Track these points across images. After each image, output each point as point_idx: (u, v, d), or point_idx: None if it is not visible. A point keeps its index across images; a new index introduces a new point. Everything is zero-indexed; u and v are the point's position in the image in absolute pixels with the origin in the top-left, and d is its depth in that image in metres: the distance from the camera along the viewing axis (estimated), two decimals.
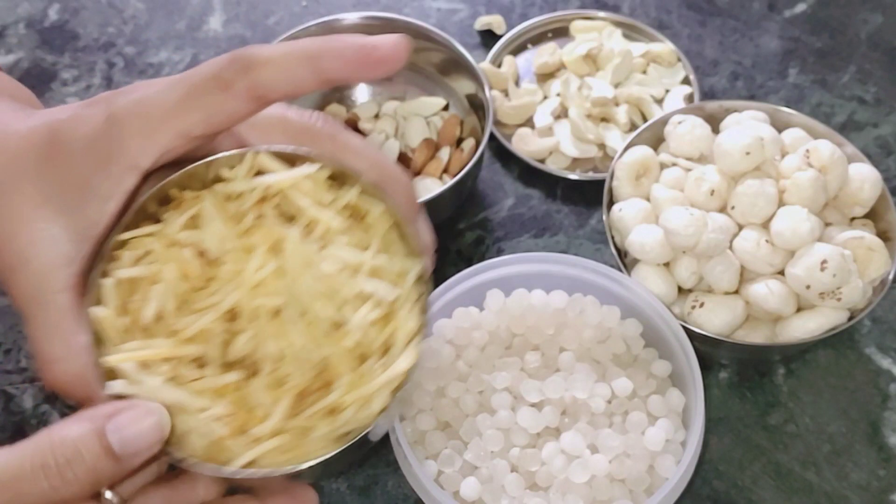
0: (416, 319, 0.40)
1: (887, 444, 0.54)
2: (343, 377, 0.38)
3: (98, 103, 0.40)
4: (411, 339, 0.40)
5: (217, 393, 0.38)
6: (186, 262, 0.39)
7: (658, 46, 0.69)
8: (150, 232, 0.40)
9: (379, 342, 0.39)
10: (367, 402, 0.38)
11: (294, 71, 0.38)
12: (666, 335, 0.51)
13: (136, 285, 0.39)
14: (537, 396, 0.48)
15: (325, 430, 0.38)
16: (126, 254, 0.40)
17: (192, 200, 0.40)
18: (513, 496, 0.46)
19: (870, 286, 0.53)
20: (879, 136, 0.66)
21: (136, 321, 0.39)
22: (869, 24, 0.73)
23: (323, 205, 0.40)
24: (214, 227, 0.39)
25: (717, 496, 0.52)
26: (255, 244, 0.39)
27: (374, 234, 0.41)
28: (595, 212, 0.63)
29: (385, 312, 0.39)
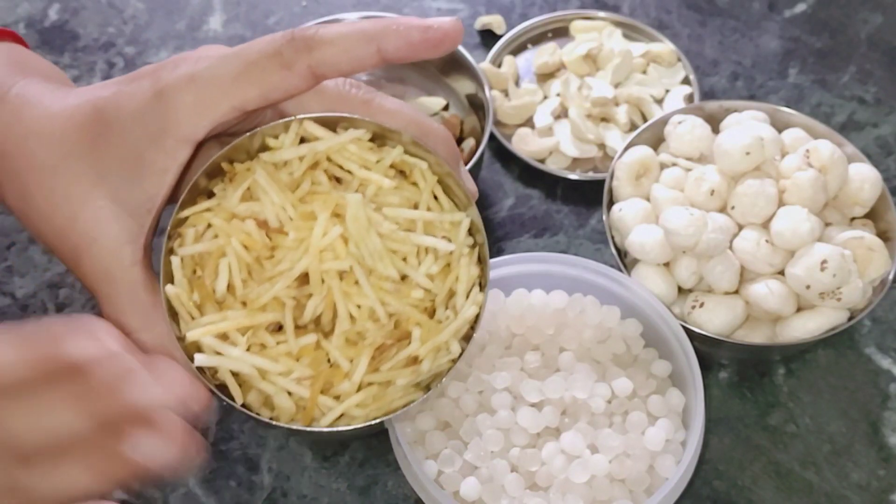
0: (474, 267, 0.43)
1: (887, 444, 0.54)
2: (416, 329, 0.40)
3: (142, 78, 0.40)
4: (472, 286, 0.42)
5: (297, 355, 0.40)
6: (249, 235, 0.40)
7: (658, 46, 0.69)
8: (208, 207, 0.41)
9: (444, 292, 0.41)
10: (442, 348, 0.41)
11: (356, 50, 0.40)
12: (666, 335, 0.51)
13: (203, 260, 0.40)
14: (537, 396, 0.48)
15: (406, 380, 0.40)
16: (189, 231, 0.41)
17: (245, 173, 0.41)
18: (513, 496, 0.46)
19: (870, 286, 0.53)
20: (879, 136, 0.66)
21: (208, 295, 0.40)
22: (869, 24, 0.73)
23: (369, 166, 0.41)
24: (271, 197, 0.40)
25: (717, 496, 0.52)
26: (316, 211, 0.40)
27: (423, 190, 0.42)
28: (595, 212, 0.63)
29: (445, 263, 0.41)
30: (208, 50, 0.41)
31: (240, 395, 0.40)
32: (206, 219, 0.41)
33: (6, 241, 0.62)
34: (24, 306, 0.59)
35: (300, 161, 0.41)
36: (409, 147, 0.42)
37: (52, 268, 0.61)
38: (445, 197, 0.43)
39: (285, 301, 0.40)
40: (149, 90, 0.40)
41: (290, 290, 0.40)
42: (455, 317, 0.41)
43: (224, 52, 0.40)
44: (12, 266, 0.61)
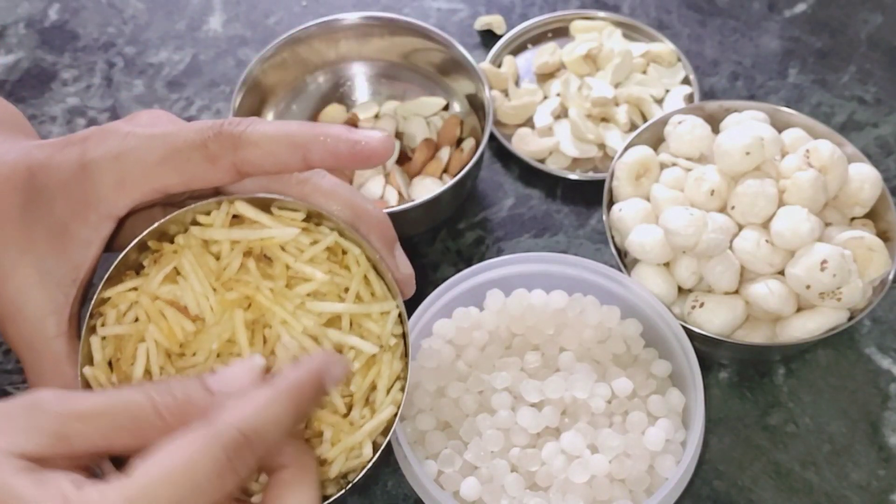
0: (398, 362, 0.42)
1: (887, 444, 0.54)
2: (328, 430, 0.40)
3: (72, 147, 0.41)
4: (394, 382, 0.41)
5: None
6: (168, 323, 0.40)
7: (658, 46, 0.69)
8: (132, 286, 0.41)
9: (364, 387, 0.40)
10: (355, 448, 0.40)
11: (281, 155, 0.40)
12: (666, 335, 0.51)
13: (123, 342, 0.40)
14: (537, 396, 0.48)
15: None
16: (110, 311, 0.41)
17: (170, 255, 0.41)
18: (513, 496, 0.46)
19: (870, 286, 0.53)
20: (879, 136, 0.66)
21: (126, 378, 0.40)
22: (869, 24, 0.73)
23: (302, 250, 0.41)
24: (193, 284, 0.40)
25: (717, 496, 0.52)
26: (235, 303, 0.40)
27: (355, 276, 0.41)
28: (595, 212, 0.63)
29: (369, 356, 0.40)
30: (143, 122, 0.41)
31: None
32: (129, 298, 0.41)
33: None
34: None
35: (231, 246, 0.41)
36: (344, 230, 0.42)
37: None
38: (378, 281, 0.42)
39: None
40: (76, 161, 0.40)
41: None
42: (371, 417, 0.40)
43: (153, 132, 0.40)
44: None
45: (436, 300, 0.51)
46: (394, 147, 0.41)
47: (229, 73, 0.71)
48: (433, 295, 0.51)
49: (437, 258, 0.61)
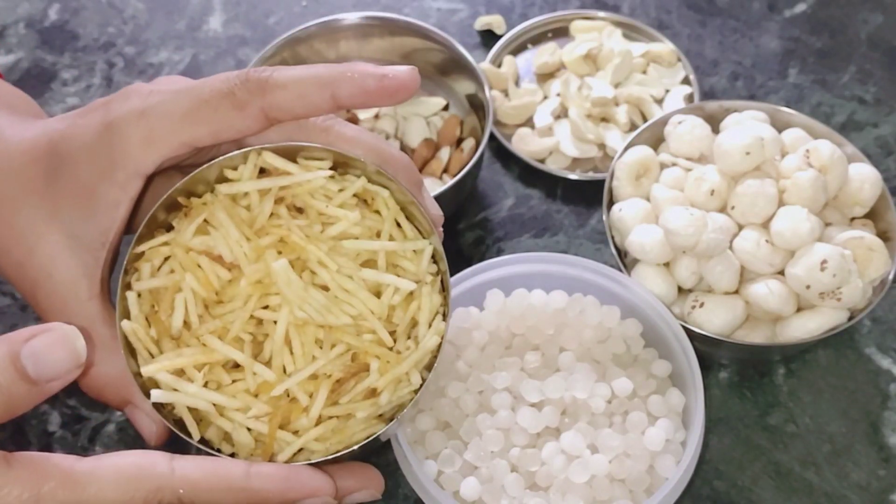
0: (437, 296, 0.42)
1: (887, 444, 0.54)
2: (374, 361, 0.40)
3: (94, 112, 0.40)
4: (434, 315, 0.42)
5: (255, 392, 0.39)
6: (204, 272, 0.40)
7: (658, 46, 0.69)
8: (164, 241, 0.41)
9: (406, 322, 0.41)
10: (403, 380, 0.40)
11: (310, 96, 0.39)
12: (666, 335, 0.51)
13: (160, 295, 0.40)
14: (537, 396, 0.48)
15: (366, 413, 0.40)
16: (144, 265, 0.41)
17: (200, 207, 0.41)
18: (513, 496, 0.46)
19: (870, 286, 0.53)
20: (879, 136, 0.66)
21: (165, 330, 0.40)
22: (869, 24, 0.73)
23: (330, 197, 0.41)
24: (226, 232, 0.40)
25: (717, 496, 0.52)
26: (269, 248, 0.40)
27: (385, 219, 0.42)
28: (595, 212, 0.63)
29: (408, 292, 0.41)
30: (162, 83, 0.41)
31: (196, 432, 0.40)
32: (162, 253, 0.41)
33: None
34: (24, 306, 0.59)
35: (261, 196, 0.41)
36: (371, 175, 0.42)
37: None
38: (409, 224, 0.43)
39: (243, 337, 0.40)
40: (99, 123, 0.40)
41: (247, 326, 0.40)
42: (416, 347, 0.41)
43: (177, 87, 0.40)
44: None
45: None
46: (419, 80, 0.41)
47: None
48: None
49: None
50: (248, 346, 0.40)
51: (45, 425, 0.54)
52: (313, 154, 0.41)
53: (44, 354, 0.34)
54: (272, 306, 0.40)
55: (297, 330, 0.39)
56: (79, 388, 0.56)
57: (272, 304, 0.40)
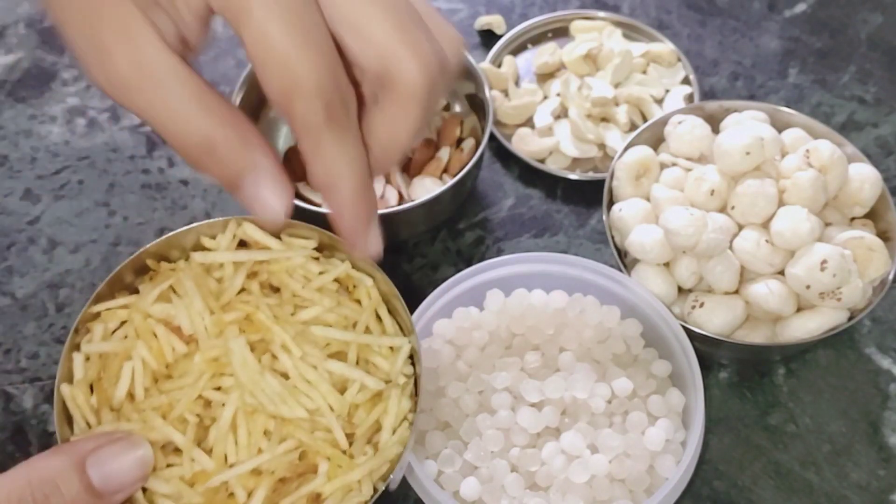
0: (406, 400, 0.39)
1: (887, 444, 0.54)
2: (323, 463, 0.37)
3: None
4: (401, 421, 0.38)
5: (191, 481, 0.36)
6: (159, 342, 0.37)
7: (658, 46, 0.69)
8: (123, 304, 0.39)
9: (368, 424, 0.38)
10: (353, 488, 0.37)
11: None
12: (666, 335, 0.51)
13: (108, 360, 0.38)
14: (537, 396, 0.48)
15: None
16: (97, 326, 0.38)
17: (167, 273, 0.39)
18: (513, 496, 0.46)
19: (870, 286, 0.53)
20: (879, 136, 0.66)
21: (106, 399, 0.37)
22: (869, 24, 0.73)
23: (310, 279, 0.39)
24: (190, 302, 0.37)
25: (717, 496, 0.52)
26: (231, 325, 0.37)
27: (364, 309, 0.39)
28: (595, 212, 0.63)
29: (375, 392, 0.38)
30: None
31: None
32: (119, 316, 0.38)
33: (6, 241, 0.62)
34: (24, 306, 0.59)
35: (235, 268, 0.38)
36: (356, 261, 0.40)
37: (51, 268, 0.61)
38: (390, 318, 0.40)
39: (188, 418, 0.37)
40: None
41: (194, 406, 0.37)
42: (374, 454, 0.38)
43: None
44: (12, 266, 0.61)
45: (436, 300, 0.51)
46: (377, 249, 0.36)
47: (229, 73, 0.71)
48: (433, 295, 0.51)
49: (437, 258, 0.61)
50: (192, 428, 0.37)
51: (46, 425, 0.54)
52: (299, 232, 0.39)
53: (110, 466, 0.33)
54: (224, 388, 0.37)
55: (246, 417, 0.36)
56: None
57: (224, 385, 0.37)
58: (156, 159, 0.66)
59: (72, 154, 0.66)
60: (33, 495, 0.32)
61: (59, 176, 0.65)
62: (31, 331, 0.58)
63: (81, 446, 0.34)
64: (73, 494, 0.32)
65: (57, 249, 0.61)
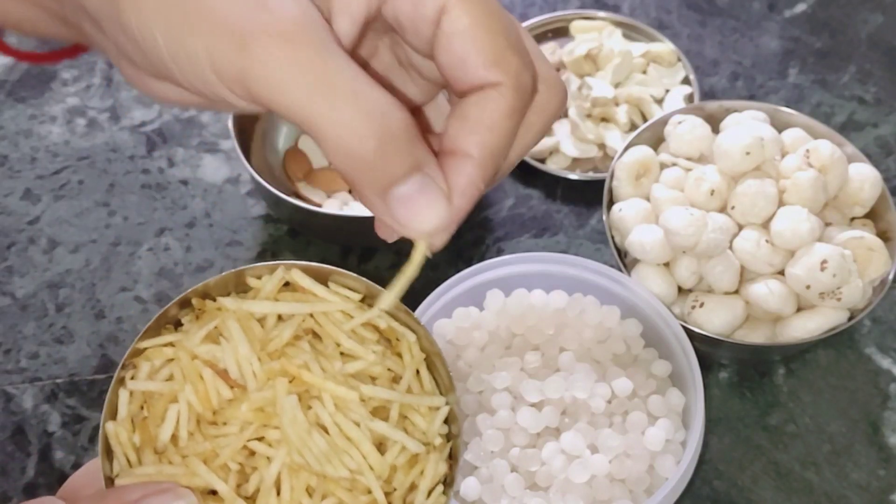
0: (443, 464, 0.38)
1: (887, 444, 0.54)
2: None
3: None
4: (437, 484, 0.38)
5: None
6: (205, 385, 0.37)
7: (658, 46, 0.69)
8: (169, 341, 0.38)
9: (405, 485, 0.37)
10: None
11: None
12: (666, 335, 0.51)
13: (153, 399, 0.38)
14: (537, 396, 0.48)
15: None
16: (144, 364, 0.38)
17: (213, 312, 0.38)
18: (513, 496, 0.46)
19: (870, 286, 0.53)
20: (879, 136, 0.66)
21: (149, 440, 0.37)
22: (869, 24, 0.73)
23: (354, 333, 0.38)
24: (236, 346, 0.37)
25: (717, 496, 0.52)
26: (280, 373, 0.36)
27: (407, 367, 0.39)
28: (595, 212, 0.63)
29: (413, 454, 0.37)
30: None
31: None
32: (165, 354, 0.38)
33: (6, 241, 0.62)
34: (24, 306, 0.59)
35: (278, 321, 0.38)
36: (399, 315, 0.39)
37: (52, 268, 0.61)
38: (429, 376, 0.39)
39: (230, 465, 0.36)
40: None
41: (238, 455, 0.36)
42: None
43: None
44: (12, 266, 0.61)
45: (436, 300, 0.51)
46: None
47: None
48: (433, 295, 0.51)
49: (436, 258, 0.61)
50: (234, 476, 0.36)
51: (46, 425, 0.54)
52: (345, 281, 0.39)
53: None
54: (268, 440, 0.37)
55: (291, 473, 0.36)
56: (79, 388, 0.56)
57: (269, 437, 0.37)
58: (156, 159, 0.66)
59: (72, 154, 0.66)
60: None
61: (59, 176, 0.65)
62: (31, 331, 0.58)
63: (129, 495, 0.33)
64: None
65: (57, 249, 0.61)
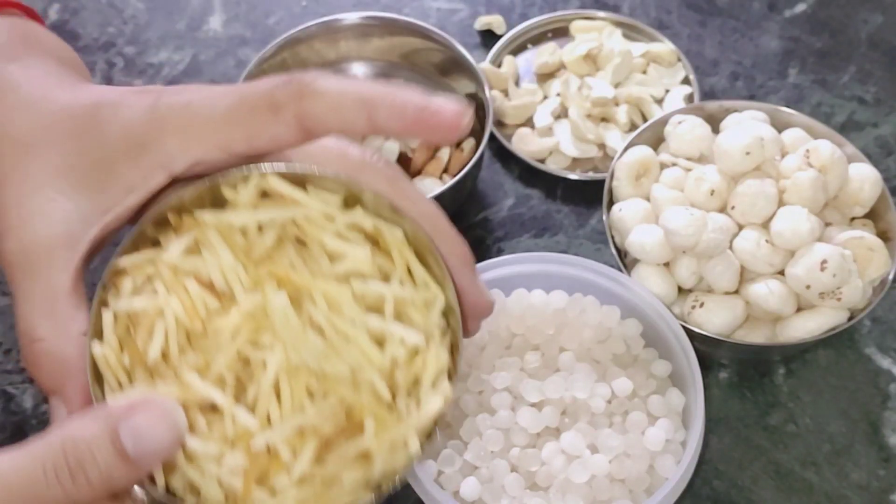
0: (444, 354, 0.37)
1: (887, 444, 0.54)
2: (370, 420, 0.35)
3: (148, 94, 0.39)
4: (440, 375, 0.37)
5: (232, 440, 0.35)
6: (191, 298, 0.36)
7: (658, 46, 0.69)
8: (149, 258, 0.37)
9: (408, 380, 0.37)
10: (399, 445, 0.36)
11: (347, 111, 0.36)
12: (666, 335, 0.51)
13: (137, 318, 0.37)
14: (537, 396, 0.48)
15: (355, 478, 0.36)
16: (125, 281, 0.37)
17: (191, 224, 0.37)
18: (513, 496, 0.46)
19: (870, 286, 0.53)
20: (879, 136, 0.66)
21: (139, 358, 0.36)
22: (869, 24, 0.73)
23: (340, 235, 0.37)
24: (219, 256, 0.36)
25: (717, 496, 0.52)
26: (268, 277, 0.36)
27: (397, 262, 0.38)
28: (595, 212, 0.63)
29: (413, 348, 0.37)
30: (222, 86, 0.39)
31: (162, 479, 0.35)
32: (145, 271, 0.37)
33: None
34: None
35: (259, 230, 0.37)
36: (384, 213, 0.38)
37: None
38: (422, 270, 0.38)
39: (225, 377, 0.35)
40: (147, 105, 0.38)
41: (231, 365, 0.35)
42: (417, 409, 0.36)
43: (228, 87, 0.38)
44: None
45: None
46: (469, 123, 0.36)
47: (229, 73, 0.71)
48: None
49: None
50: (230, 388, 0.35)
51: (46, 425, 0.54)
52: (324, 185, 0.38)
53: (145, 432, 0.33)
54: (262, 346, 0.35)
55: (289, 376, 0.35)
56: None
57: (262, 343, 0.36)
58: None
59: None
60: (68, 463, 0.32)
61: None
62: None
63: (115, 412, 0.33)
64: (107, 463, 0.32)
65: None
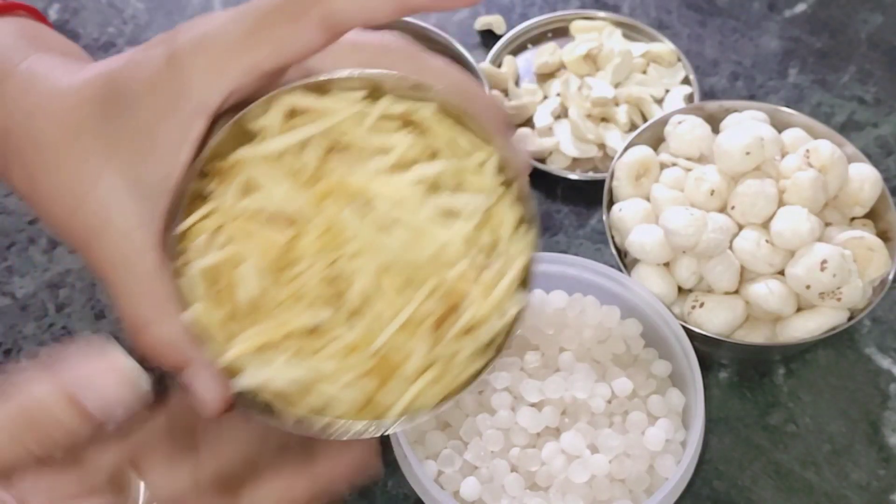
0: (516, 206, 0.37)
1: (887, 444, 0.54)
2: (470, 292, 0.36)
3: (157, 45, 0.37)
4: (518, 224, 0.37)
5: (347, 352, 0.36)
6: (266, 236, 0.36)
7: (658, 46, 0.69)
8: (205, 213, 0.37)
9: (486, 244, 0.37)
10: (499, 307, 0.36)
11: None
12: (666, 335, 0.51)
13: (217, 272, 0.36)
14: (537, 396, 0.48)
15: (470, 348, 0.36)
16: (197, 240, 0.36)
17: (234, 167, 0.37)
18: (513, 496, 0.46)
19: (870, 286, 0.53)
20: (879, 136, 0.66)
21: (233, 309, 0.36)
22: (869, 24, 0.73)
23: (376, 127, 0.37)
24: (276, 187, 0.36)
25: (717, 496, 0.52)
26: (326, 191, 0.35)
27: (439, 136, 0.37)
28: (595, 212, 0.63)
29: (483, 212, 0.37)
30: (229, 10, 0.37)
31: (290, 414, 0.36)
32: (206, 228, 0.36)
33: (6, 241, 0.62)
34: (24, 306, 0.59)
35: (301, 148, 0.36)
36: (408, 93, 0.37)
37: (52, 268, 0.61)
38: (465, 135, 0.38)
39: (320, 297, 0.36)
40: (161, 56, 0.36)
41: (321, 288, 0.36)
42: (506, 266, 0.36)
43: (237, 9, 0.36)
44: (12, 266, 0.61)
45: None
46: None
47: None
48: None
49: None
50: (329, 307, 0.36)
51: None
52: (344, 84, 0.37)
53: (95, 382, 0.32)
54: (345, 257, 0.35)
55: (383, 277, 0.35)
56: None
57: (346, 253, 0.35)
58: None
59: None
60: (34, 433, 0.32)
61: None
62: (31, 331, 0.58)
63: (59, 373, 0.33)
64: (68, 417, 0.32)
65: (57, 249, 0.61)
